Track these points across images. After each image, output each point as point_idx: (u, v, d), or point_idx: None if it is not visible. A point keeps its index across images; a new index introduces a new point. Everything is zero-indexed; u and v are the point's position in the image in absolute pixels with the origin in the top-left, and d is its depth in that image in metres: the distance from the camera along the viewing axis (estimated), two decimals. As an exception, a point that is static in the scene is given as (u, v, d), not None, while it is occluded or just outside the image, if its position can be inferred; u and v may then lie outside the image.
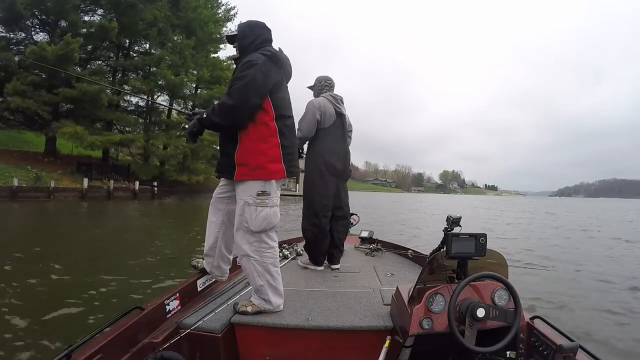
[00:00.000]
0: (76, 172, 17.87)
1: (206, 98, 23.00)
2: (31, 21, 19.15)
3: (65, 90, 16.95)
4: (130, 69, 22.27)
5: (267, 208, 1.44)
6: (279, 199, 1.53)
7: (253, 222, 1.43)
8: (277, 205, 1.49)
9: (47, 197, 14.46)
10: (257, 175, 1.43)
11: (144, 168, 21.68)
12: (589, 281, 4.49)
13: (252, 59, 1.44)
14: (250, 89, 1.39)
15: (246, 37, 1.52)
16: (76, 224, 8.76)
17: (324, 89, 2.40)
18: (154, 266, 4.31)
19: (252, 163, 1.43)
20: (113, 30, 18.04)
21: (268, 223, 1.45)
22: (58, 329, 2.45)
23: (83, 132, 17.22)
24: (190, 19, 21.89)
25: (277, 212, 1.49)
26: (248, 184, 1.45)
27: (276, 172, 1.45)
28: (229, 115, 1.41)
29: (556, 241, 8.22)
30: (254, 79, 1.39)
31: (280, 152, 1.45)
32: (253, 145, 1.43)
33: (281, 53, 1.57)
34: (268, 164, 1.43)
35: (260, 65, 1.42)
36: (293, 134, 1.57)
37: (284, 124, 1.50)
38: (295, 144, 1.57)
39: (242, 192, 1.47)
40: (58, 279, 3.64)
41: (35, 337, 2.30)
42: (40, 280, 3.52)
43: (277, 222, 1.50)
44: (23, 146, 19.51)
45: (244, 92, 1.39)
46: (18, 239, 6.13)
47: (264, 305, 1.47)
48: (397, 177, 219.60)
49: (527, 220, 15.46)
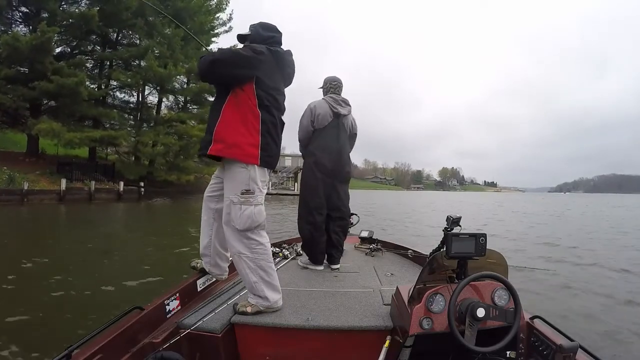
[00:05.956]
0: (56, 172, 17.11)
1: (196, 92, 22.72)
2: (11, 14, 18.70)
3: (41, 84, 16.30)
4: (118, 63, 21.82)
5: (252, 207, 1.49)
6: (264, 197, 1.56)
7: (238, 220, 1.49)
8: (262, 204, 1.54)
9: (20, 201, 13.69)
10: (231, 153, 1.47)
11: (130, 167, 21.31)
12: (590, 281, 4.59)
13: (255, 46, 1.51)
14: (236, 57, 1.46)
15: (258, 37, 1.59)
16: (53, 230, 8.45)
17: (328, 90, 2.51)
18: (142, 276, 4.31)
19: (229, 140, 1.47)
20: (93, 18, 17.50)
21: (253, 221, 1.50)
22: (58, 329, 2.50)
23: (60, 129, 16.59)
24: (179, 8, 21.61)
25: (262, 210, 1.54)
26: (235, 182, 1.50)
27: (251, 156, 1.47)
28: (206, 65, 1.46)
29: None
30: (245, 54, 1.47)
31: (259, 139, 1.49)
32: (234, 126, 1.48)
33: (288, 55, 1.64)
34: (245, 145, 1.47)
35: (259, 51, 1.49)
36: (277, 129, 1.57)
37: (270, 115, 1.53)
38: (277, 140, 1.58)
39: (228, 190, 1.53)
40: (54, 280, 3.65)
41: (35, 337, 2.35)
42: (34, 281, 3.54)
43: (262, 220, 1.54)
44: (8, 146, 19.02)
45: (230, 55, 1.46)
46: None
47: (261, 302, 1.51)
48: (397, 175, 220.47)
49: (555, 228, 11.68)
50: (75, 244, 6.23)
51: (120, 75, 20.49)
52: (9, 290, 3.34)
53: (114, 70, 21.23)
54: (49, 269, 4.15)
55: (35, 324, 2.57)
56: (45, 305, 2.96)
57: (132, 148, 21.92)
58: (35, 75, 16.82)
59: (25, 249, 5.62)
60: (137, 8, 19.42)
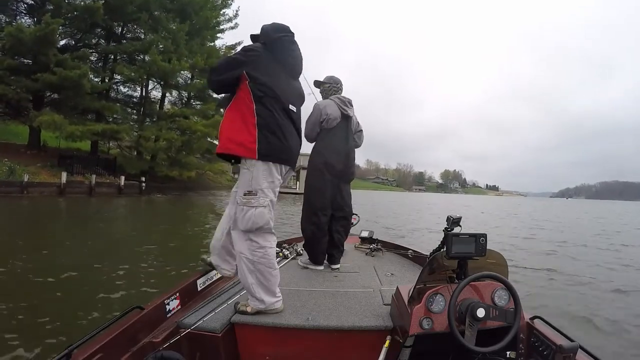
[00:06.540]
0: (57, 165, 17.14)
1: (200, 88, 22.74)
2: (16, 5, 18.73)
3: (44, 76, 16.32)
4: (123, 57, 21.84)
5: (253, 209, 1.50)
6: (268, 199, 1.52)
7: (240, 221, 1.52)
8: (264, 206, 1.51)
9: (20, 193, 13.82)
10: (230, 148, 1.51)
11: (131, 162, 21.27)
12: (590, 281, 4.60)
13: (247, 46, 1.58)
14: (227, 60, 1.57)
15: (267, 38, 1.62)
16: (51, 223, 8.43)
17: (331, 90, 2.52)
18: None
19: (229, 137, 1.52)
20: (98, 11, 17.53)
21: (253, 223, 1.49)
22: (58, 329, 2.50)
23: (62, 121, 16.54)
24: (184, 3, 21.60)
25: (263, 212, 1.51)
26: (240, 182, 1.54)
27: (249, 150, 1.48)
28: (208, 77, 1.60)
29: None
30: (234, 56, 1.56)
31: (256, 133, 1.49)
32: (235, 123, 1.52)
33: (289, 44, 1.64)
34: (244, 140, 1.49)
35: (248, 49, 1.55)
36: (277, 119, 1.53)
37: (265, 107, 1.51)
38: (276, 130, 1.52)
39: (237, 191, 1.56)
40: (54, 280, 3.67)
41: (35, 337, 2.35)
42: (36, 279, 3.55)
43: (264, 223, 1.51)
44: (10, 138, 19.02)
45: (222, 61, 1.58)
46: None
47: (257, 305, 1.52)
48: (399, 176, 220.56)
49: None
50: (73, 239, 6.24)
51: (124, 69, 20.47)
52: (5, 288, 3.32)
53: (117, 64, 21.23)
54: (47, 265, 4.12)
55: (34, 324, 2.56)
56: (43, 304, 2.95)
57: (134, 142, 22.01)
58: (38, 67, 16.83)
59: (21, 244, 5.62)
60: (142, 2, 19.47)
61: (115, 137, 21.25)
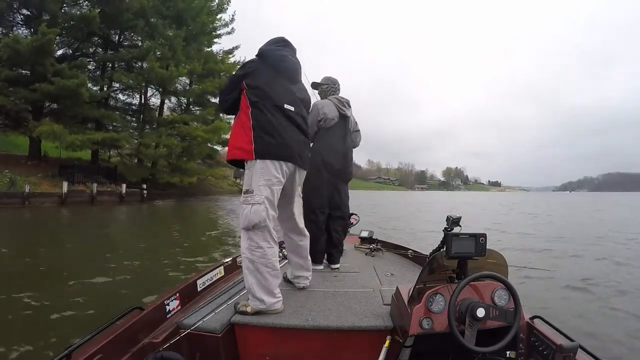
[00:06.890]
0: (58, 175, 17.19)
1: (198, 93, 22.86)
2: (12, 16, 18.86)
3: (42, 86, 16.39)
4: (120, 64, 21.97)
5: (249, 206, 1.55)
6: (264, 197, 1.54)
7: (240, 219, 1.60)
8: (260, 204, 1.54)
9: (21, 204, 13.80)
10: (234, 154, 1.63)
11: (132, 169, 21.36)
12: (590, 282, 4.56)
13: (247, 60, 1.74)
14: (229, 81, 1.73)
15: (262, 50, 1.75)
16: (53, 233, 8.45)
17: (329, 91, 2.56)
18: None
19: (233, 143, 1.64)
20: (94, 19, 17.65)
21: (249, 221, 1.53)
22: (58, 329, 2.53)
23: (62, 131, 16.60)
24: (180, 9, 21.74)
25: (258, 210, 1.53)
26: (243, 182, 1.64)
27: (247, 152, 1.57)
28: (219, 100, 1.79)
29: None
30: (233, 75, 1.73)
31: (252, 134, 1.57)
32: (236, 130, 1.64)
33: (280, 50, 1.74)
34: (242, 144, 1.59)
35: (244, 65, 1.71)
36: (270, 118, 1.57)
37: (258, 109, 1.59)
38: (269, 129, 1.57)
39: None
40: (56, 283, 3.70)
41: (35, 337, 2.38)
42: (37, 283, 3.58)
43: (259, 220, 1.53)
44: (11, 149, 19.16)
45: (225, 84, 1.77)
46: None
47: (257, 305, 1.53)
48: (400, 175, 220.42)
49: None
50: (74, 246, 6.28)
51: (122, 77, 20.63)
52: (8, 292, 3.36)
53: (115, 71, 21.35)
54: (48, 271, 4.18)
55: (35, 324, 2.60)
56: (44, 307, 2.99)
57: (135, 150, 22.06)
58: (36, 78, 16.94)
59: (24, 251, 5.65)
60: (137, 9, 19.59)
61: (115, 145, 21.32)
